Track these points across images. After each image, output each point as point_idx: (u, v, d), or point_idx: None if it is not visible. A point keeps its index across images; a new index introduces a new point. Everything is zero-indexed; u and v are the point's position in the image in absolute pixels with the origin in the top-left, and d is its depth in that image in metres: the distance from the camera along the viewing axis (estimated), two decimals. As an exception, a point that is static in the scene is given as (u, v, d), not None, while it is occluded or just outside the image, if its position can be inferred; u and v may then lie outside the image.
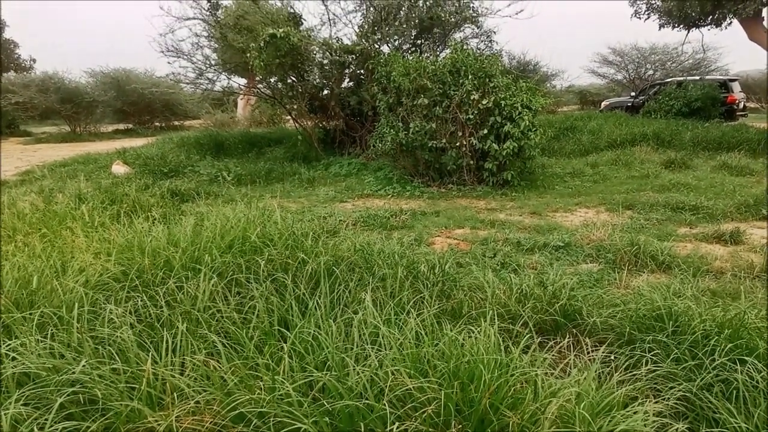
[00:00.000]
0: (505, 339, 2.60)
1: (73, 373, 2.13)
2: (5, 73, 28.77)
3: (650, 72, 30.21)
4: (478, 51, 11.51)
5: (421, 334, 2.49)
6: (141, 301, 2.87)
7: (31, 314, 2.59)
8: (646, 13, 17.96)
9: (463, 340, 2.43)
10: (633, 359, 2.59)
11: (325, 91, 12.56)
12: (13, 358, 2.25)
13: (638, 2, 18.01)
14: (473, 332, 2.49)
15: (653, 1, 17.59)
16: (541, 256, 4.92)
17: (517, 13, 12.02)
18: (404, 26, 11.30)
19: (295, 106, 12.74)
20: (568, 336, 2.88)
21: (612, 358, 2.61)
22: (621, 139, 12.48)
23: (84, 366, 2.15)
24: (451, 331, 2.47)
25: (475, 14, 12.16)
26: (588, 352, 2.62)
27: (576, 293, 3.37)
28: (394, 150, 9.27)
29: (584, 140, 12.86)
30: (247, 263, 3.43)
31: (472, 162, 8.77)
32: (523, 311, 3.06)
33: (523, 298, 3.29)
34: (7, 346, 2.29)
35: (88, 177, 9.13)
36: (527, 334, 2.66)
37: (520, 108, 8.37)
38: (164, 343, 2.35)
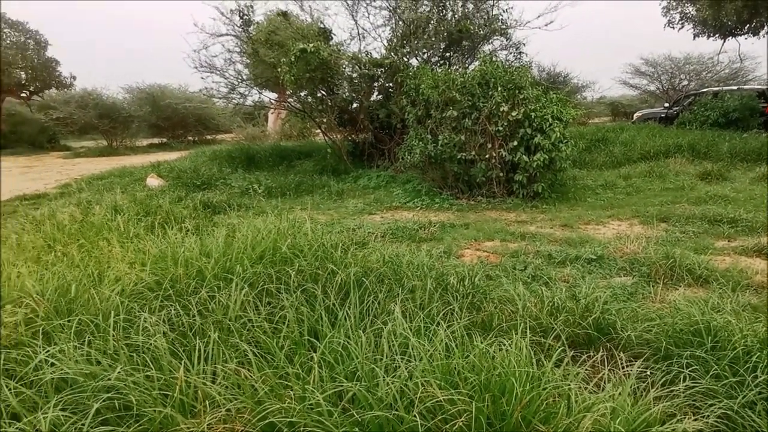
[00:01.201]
0: (536, 352, 2.56)
1: (109, 379, 2.17)
2: (47, 90, 29.83)
3: (684, 82, 29.61)
4: (507, 63, 11.49)
5: (451, 345, 2.47)
6: (174, 310, 2.92)
7: (69, 321, 2.66)
8: (680, 22, 17.66)
9: (494, 352, 2.40)
10: (670, 375, 2.52)
11: (354, 105, 12.67)
12: (52, 364, 2.31)
13: (671, 12, 17.74)
14: (504, 345, 2.45)
15: (687, 11, 17.28)
16: (572, 268, 4.84)
17: (546, 25, 11.97)
18: (433, 39, 11.35)
19: (324, 120, 12.87)
20: (601, 350, 2.81)
21: (648, 373, 2.54)
22: (654, 151, 12.24)
23: (119, 373, 2.20)
24: (482, 343, 2.45)
25: (504, 26, 12.14)
26: (623, 367, 2.56)
27: (609, 307, 3.31)
28: (423, 162, 9.27)
29: (616, 152, 12.65)
30: (278, 273, 3.46)
31: (501, 174, 8.71)
32: (555, 324, 3.01)
33: (555, 311, 3.23)
34: (46, 352, 2.35)
35: (123, 189, 9.35)
36: (559, 347, 2.61)
37: (550, 120, 8.29)
38: (196, 351, 2.38)
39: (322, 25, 12.88)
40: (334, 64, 11.29)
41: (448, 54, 12.46)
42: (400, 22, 11.77)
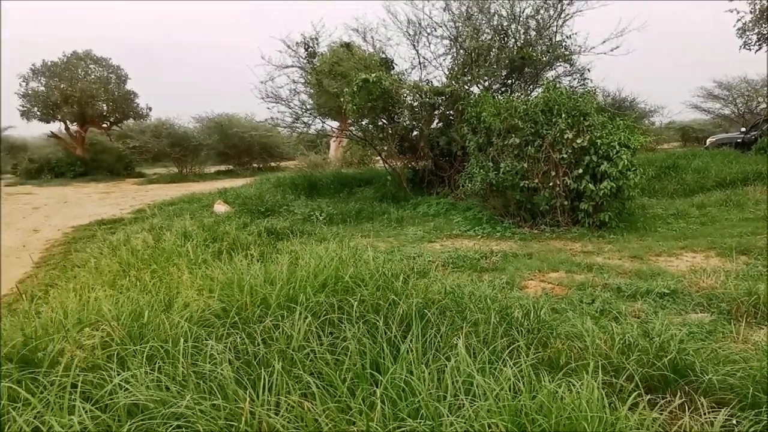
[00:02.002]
0: (608, 394, 2.43)
1: (179, 406, 2.22)
2: (125, 121, 31.75)
3: (762, 105, 28.06)
4: (571, 89, 11.27)
5: (518, 384, 2.38)
6: (239, 338, 2.97)
7: (142, 347, 2.75)
8: (758, 43, 16.82)
9: (563, 393, 2.30)
10: (759, 425, 2.32)
11: (415, 132, 12.76)
12: (126, 389, 2.38)
13: (748, 33, 16.93)
14: (574, 385, 2.34)
15: (765, 31, 16.46)
16: (644, 303, 4.61)
17: (612, 50, 11.71)
18: (494, 67, 11.33)
19: (385, 147, 13.02)
20: (679, 394, 2.64)
21: (734, 422, 2.35)
22: (731, 178, 11.60)
23: (188, 401, 2.24)
24: (550, 382, 2.35)
25: (567, 52, 11.97)
26: (704, 414, 2.38)
27: (686, 346, 3.11)
28: (484, 190, 9.17)
29: (688, 179, 12.09)
30: (340, 303, 3.47)
31: (566, 202, 8.49)
32: (627, 364, 2.85)
33: (627, 349, 3.07)
34: (120, 377, 2.43)
35: (192, 215, 9.72)
36: (633, 389, 2.47)
37: (617, 147, 8.04)
38: (261, 381, 2.40)
39: (383, 55, 13.13)
40: (396, 93, 11.44)
41: (509, 81, 12.39)
42: (462, 51, 11.84)
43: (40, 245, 9.40)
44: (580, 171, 8.19)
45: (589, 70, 12.39)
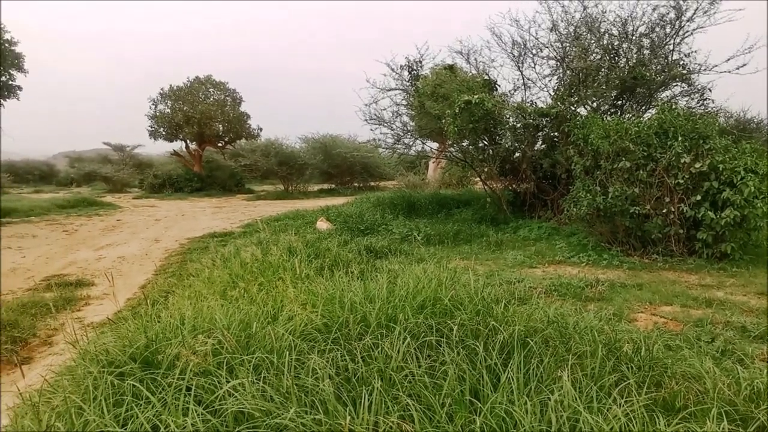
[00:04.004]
0: (734, 445, 2.21)
1: (283, 418, 2.29)
2: (238, 140, 33.96)
3: None
4: (689, 110, 10.52)
5: (629, 425, 2.22)
6: (340, 354, 3.02)
7: (250, 356, 2.88)
8: None
9: (681, 439, 2.12)
10: None
11: (517, 154, 12.49)
12: (234, 396, 2.51)
13: None
14: (694, 432, 2.15)
15: None
16: (775, 346, 4.16)
17: (738, 69, 10.82)
18: (603, 87, 10.87)
19: (485, 169, 12.84)
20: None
21: None
22: None
23: (291, 413, 2.31)
24: (666, 426, 2.17)
25: (685, 72, 11.22)
26: None
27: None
28: (590, 215, 8.75)
29: (829, 209, 10.81)
30: (438, 325, 3.44)
31: (681, 231, 7.90)
32: (758, 413, 2.57)
33: (756, 396, 2.77)
34: (230, 384, 2.56)
35: (296, 231, 10.11)
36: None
37: (742, 172, 7.38)
38: (361, 399, 2.43)
39: (486, 77, 13.04)
40: (498, 114, 11.30)
41: (619, 102, 11.83)
42: (568, 71, 11.51)
43: (160, 254, 10.21)
44: (699, 198, 7.61)
45: (710, 90, 11.53)
